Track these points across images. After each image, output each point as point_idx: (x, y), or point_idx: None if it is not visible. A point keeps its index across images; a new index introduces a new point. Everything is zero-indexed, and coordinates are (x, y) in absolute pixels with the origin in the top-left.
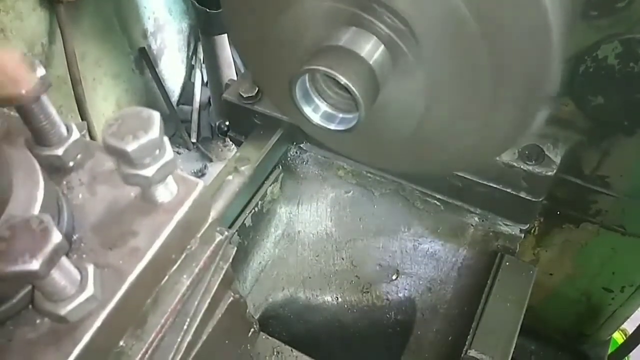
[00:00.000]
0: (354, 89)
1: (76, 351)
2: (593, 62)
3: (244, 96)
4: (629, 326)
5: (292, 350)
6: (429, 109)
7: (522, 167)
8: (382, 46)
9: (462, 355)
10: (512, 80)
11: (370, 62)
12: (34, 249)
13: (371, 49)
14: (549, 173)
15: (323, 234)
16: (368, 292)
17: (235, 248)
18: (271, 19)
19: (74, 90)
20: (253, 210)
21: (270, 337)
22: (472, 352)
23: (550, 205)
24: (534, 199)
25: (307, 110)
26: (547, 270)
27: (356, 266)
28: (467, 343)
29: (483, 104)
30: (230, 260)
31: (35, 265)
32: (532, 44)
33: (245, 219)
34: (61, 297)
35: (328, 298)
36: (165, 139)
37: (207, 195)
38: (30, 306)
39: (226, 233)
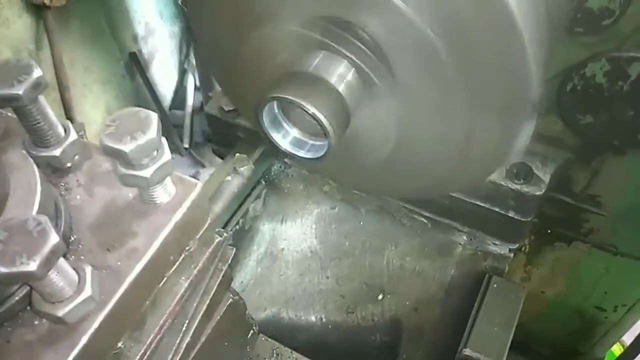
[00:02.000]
0: (322, 118)
1: (74, 353)
2: (581, 80)
3: (226, 110)
4: (627, 338)
5: (291, 352)
6: (403, 133)
7: (509, 186)
8: (353, 70)
9: None
10: (489, 107)
11: (340, 89)
12: (31, 251)
13: (341, 75)
14: (538, 193)
15: (307, 252)
16: (353, 312)
17: (235, 249)
18: (238, 40)
19: (61, 97)
20: (234, 228)
21: (269, 339)
22: None
23: (540, 223)
24: (522, 219)
25: (276, 136)
26: (539, 288)
27: (341, 285)
28: None
29: (459, 131)
30: (229, 261)
31: (32, 266)
32: (508, 72)
33: None
34: (59, 299)
35: (312, 318)
36: (163, 139)
37: (205, 196)
38: (28, 307)
39: (225, 234)
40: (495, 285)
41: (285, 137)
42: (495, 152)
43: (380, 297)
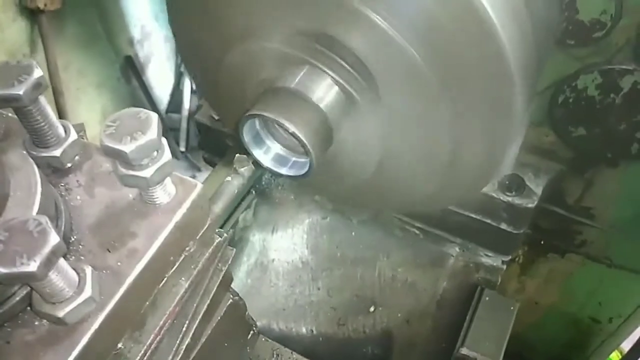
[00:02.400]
0: (302, 137)
1: (74, 353)
2: (572, 93)
3: (216, 118)
4: (626, 344)
5: (291, 352)
6: (388, 150)
7: (501, 198)
8: (336, 87)
9: None
10: (474, 125)
11: (322, 106)
12: (31, 251)
13: (324, 91)
14: (530, 205)
15: (298, 263)
16: (344, 324)
17: (234, 250)
18: (219, 55)
19: (55, 101)
20: None
21: (269, 340)
22: None
23: (534, 234)
24: (515, 231)
25: (258, 153)
26: (533, 299)
27: (332, 297)
28: None
29: (445, 148)
30: (229, 262)
31: (33, 266)
32: (494, 92)
33: None
34: (59, 299)
35: (303, 330)
36: (164, 140)
37: (205, 197)
38: (28, 308)
39: (225, 235)
40: (487, 299)
41: (267, 154)
42: (482, 168)
43: (371, 309)
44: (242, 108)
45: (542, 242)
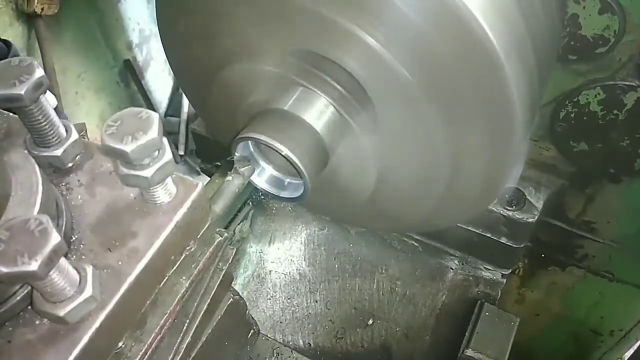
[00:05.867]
0: (295, 160)
1: (75, 352)
2: (574, 108)
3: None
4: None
5: (292, 351)
6: (385, 172)
7: (501, 212)
8: (331, 108)
9: None
10: (473, 150)
11: (317, 128)
12: (32, 250)
13: (318, 113)
14: (530, 219)
15: (296, 275)
16: (342, 337)
17: (235, 249)
18: (210, 77)
19: None
20: None
21: (270, 339)
22: None
23: (534, 247)
24: (515, 245)
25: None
26: (534, 311)
27: (330, 309)
28: None
29: (443, 172)
30: (230, 261)
31: (34, 266)
32: (493, 118)
33: None
34: (60, 298)
35: (300, 343)
36: (165, 140)
37: (206, 196)
38: (29, 307)
39: (226, 234)
40: (487, 314)
41: (261, 175)
42: (481, 193)
43: (370, 321)
44: (234, 126)
45: (542, 255)
